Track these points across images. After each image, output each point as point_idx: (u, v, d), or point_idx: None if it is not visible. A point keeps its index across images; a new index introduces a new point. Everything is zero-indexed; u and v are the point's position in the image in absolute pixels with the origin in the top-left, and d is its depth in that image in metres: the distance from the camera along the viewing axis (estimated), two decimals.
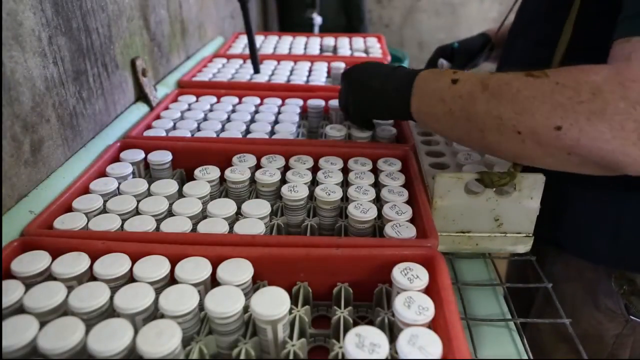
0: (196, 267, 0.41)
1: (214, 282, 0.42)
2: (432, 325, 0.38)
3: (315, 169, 0.60)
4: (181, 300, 0.38)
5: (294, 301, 0.43)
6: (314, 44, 1.25)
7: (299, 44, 1.26)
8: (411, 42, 2.83)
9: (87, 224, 0.48)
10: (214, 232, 0.47)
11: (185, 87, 0.89)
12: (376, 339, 0.34)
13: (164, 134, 0.70)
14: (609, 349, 0.63)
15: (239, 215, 0.52)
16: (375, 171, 0.60)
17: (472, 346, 0.46)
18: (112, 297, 0.38)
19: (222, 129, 0.72)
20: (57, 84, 0.57)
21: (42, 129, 0.55)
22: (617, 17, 0.41)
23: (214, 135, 0.70)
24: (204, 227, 0.48)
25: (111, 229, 0.48)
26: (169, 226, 0.48)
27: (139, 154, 0.62)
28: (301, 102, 0.82)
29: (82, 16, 0.62)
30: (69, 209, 0.51)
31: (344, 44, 1.26)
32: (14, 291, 0.38)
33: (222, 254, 0.43)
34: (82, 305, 0.37)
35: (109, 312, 0.39)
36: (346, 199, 0.55)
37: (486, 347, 0.47)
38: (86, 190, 0.55)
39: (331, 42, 1.27)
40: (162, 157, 0.61)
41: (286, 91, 0.86)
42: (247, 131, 0.72)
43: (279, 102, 0.82)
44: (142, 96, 0.81)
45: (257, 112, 0.79)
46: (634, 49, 0.37)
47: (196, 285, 0.40)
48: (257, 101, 0.83)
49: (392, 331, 0.41)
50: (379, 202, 0.56)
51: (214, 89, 0.86)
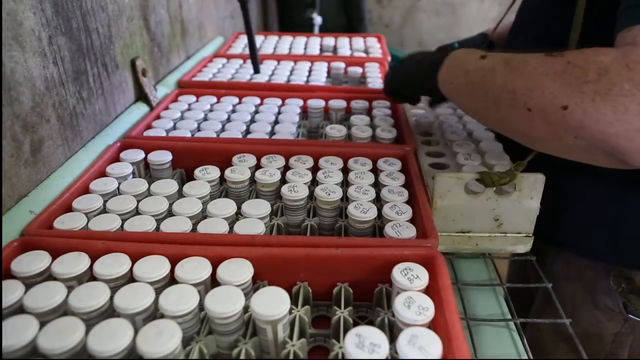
0: (196, 267, 0.41)
1: (214, 282, 0.42)
2: (432, 325, 0.38)
3: (315, 169, 0.60)
4: (181, 300, 0.38)
5: (294, 301, 0.43)
6: (314, 44, 1.25)
7: (299, 44, 1.26)
8: (411, 42, 2.83)
9: (87, 224, 0.48)
10: (214, 232, 0.47)
11: (185, 87, 0.89)
12: (376, 339, 0.34)
13: (164, 134, 0.70)
14: (608, 347, 0.63)
15: (239, 215, 0.52)
16: (375, 171, 0.60)
17: (472, 346, 0.46)
18: (112, 297, 0.38)
19: (222, 129, 0.72)
20: (57, 84, 0.57)
21: (42, 129, 0.55)
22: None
23: (214, 135, 0.70)
24: (204, 227, 0.48)
25: (111, 229, 0.48)
26: (169, 226, 0.48)
27: (139, 154, 0.62)
28: (301, 102, 0.82)
29: (82, 16, 0.62)
30: (69, 209, 0.51)
31: (344, 44, 1.26)
32: (14, 291, 0.38)
33: (222, 254, 0.43)
34: (82, 305, 0.37)
35: (109, 312, 0.39)
36: (346, 199, 0.55)
37: (486, 347, 0.47)
38: (86, 190, 0.55)
39: (331, 42, 1.27)
40: (162, 157, 0.61)
41: (286, 91, 0.86)
42: (247, 131, 0.72)
43: (279, 102, 0.82)
44: (142, 96, 0.81)
45: (257, 112, 0.79)
46: (638, 33, 0.37)
47: (196, 285, 0.40)
48: (257, 101, 0.83)
49: (392, 331, 0.41)
50: (379, 202, 0.56)
51: (214, 89, 0.86)
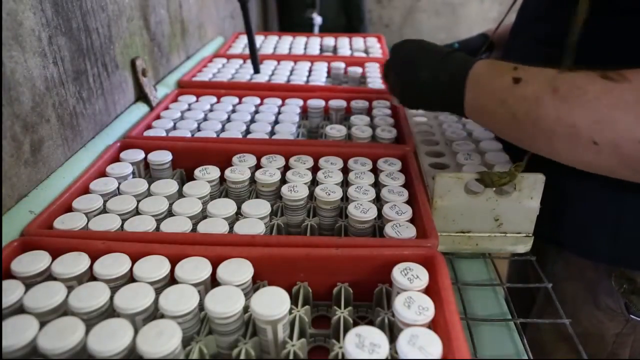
0: (196, 267, 0.41)
1: (214, 282, 0.42)
2: (432, 325, 0.38)
3: (315, 169, 0.60)
4: (181, 300, 0.38)
5: (294, 301, 0.43)
6: (314, 44, 1.25)
7: (299, 44, 1.26)
8: None
9: (87, 224, 0.48)
10: (214, 232, 0.47)
11: (185, 87, 0.89)
12: (376, 339, 0.34)
13: (164, 134, 0.70)
14: (610, 348, 0.63)
15: (239, 215, 0.52)
16: (375, 171, 0.60)
17: (472, 346, 0.46)
18: (112, 297, 0.38)
19: (222, 129, 0.72)
20: (57, 84, 0.57)
21: (42, 129, 0.55)
22: (625, 12, 0.40)
23: (214, 135, 0.70)
24: (204, 227, 0.48)
25: (111, 229, 0.48)
26: (169, 226, 0.48)
27: (139, 154, 0.62)
28: (301, 102, 0.81)
29: (82, 16, 0.62)
30: (69, 209, 0.51)
31: (344, 44, 1.26)
32: (14, 291, 0.38)
33: (222, 254, 0.43)
34: (82, 305, 0.37)
35: (109, 312, 0.39)
36: (346, 199, 0.55)
37: (486, 347, 0.47)
38: (86, 190, 0.55)
39: (331, 42, 1.27)
40: (162, 157, 0.61)
41: (286, 91, 0.86)
42: (247, 131, 0.72)
43: (279, 102, 0.82)
44: (142, 96, 0.81)
45: (257, 112, 0.79)
46: None
47: (196, 285, 0.40)
48: (257, 101, 0.83)
49: (392, 331, 0.41)
50: (379, 202, 0.56)
51: (214, 89, 0.86)
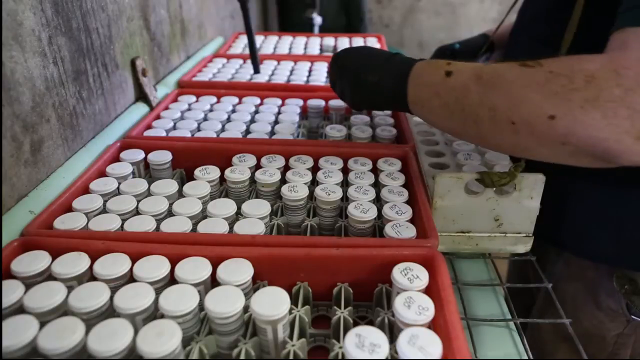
0: (196, 267, 0.41)
1: (214, 282, 0.42)
2: (432, 325, 0.38)
3: (315, 169, 0.60)
4: (181, 300, 0.38)
5: (294, 301, 0.43)
6: (314, 44, 1.25)
7: (299, 44, 1.26)
8: (411, 42, 2.83)
9: (87, 224, 0.48)
10: (214, 232, 0.47)
11: (185, 87, 0.89)
12: (376, 339, 0.34)
13: (164, 134, 0.70)
14: (610, 348, 0.63)
15: (239, 215, 0.52)
16: (375, 171, 0.60)
17: (472, 346, 0.46)
18: (112, 297, 0.38)
19: (222, 129, 0.72)
20: (57, 84, 0.57)
21: (42, 129, 0.55)
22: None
23: (214, 135, 0.70)
24: (204, 227, 0.48)
25: (111, 229, 0.48)
26: (169, 226, 0.48)
27: (139, 154, 0.62)
28: (301, 102, 0.82)
29: (82, 16, 0.62)
30: (69, 209, 0.51)
31: (344, 44, 1.26)
32: (14, 291, 0.38)
33: (222, 254, 0.43)
34: (82, 305, 0.37)
35: (109, 312, 0.39)
36: (346, 199, 0.55)
37: (486, 347, 0.47)
38: (86, 190, 0.55)
39: (331, 42, 1.27)
40: (162, 157, 0.61)
41: (286, 91, 0.86)
42: (247, 131, 0.72)
43: (279, 102, 0.82)
44: (142, 96, 0.81)
45: (257, 112, 0.79)
46: (628, 37, 0.37)
47: (196, 285, 0.40)
48: (257, 101, 0.83)
49: (392, 331, 0.41)
50: (379, 202, 0.56)
51: (214, 89, 0.86)
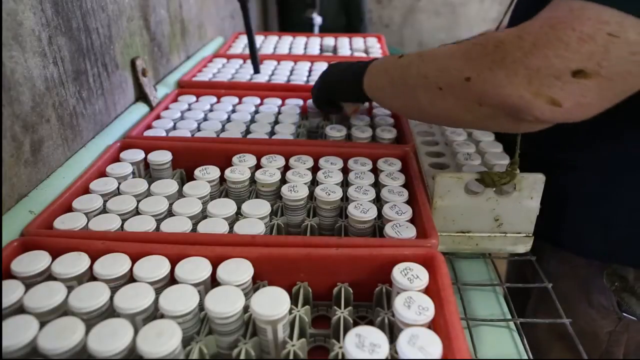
0: (196, 267, 0.41)
1: (214, 282, 0.42)
2: (432, 325, 0.38)
3: (315, 169, 0.60)
4: (181, 300, 0.38)
5: (294, 301, 0.43)
6: (314, 44, 1.25)
7: (299, 44, 1.26)
8: (411, 42, 2.83)
9: (87, 224, 0.48)
10: (214, 232, 0.47)
11: (185, 87, 0.89)
12: (376, 339, 0.34)
13: (164, 134, 0.70)
14: (604, 346, 0.64)
15: (239, 215, 0.52)
16: (375, 171, 0.60)
17: (472, 346, 0.46)
18: (112, 297, 0.38)
19: (222, 129, 0.72)
20: (57, 84, 0.57)
21: (42, 129, 0.55)
22: None
23: (214, 135, 0.70)
24: (204, 227, 0.48)
25: (111, 229, 0.48)
26: (169, 226, 0.48)
27: (139, 154, 0.62)
28: (301, 102, 0.81)
29: (82, 16, 0.62)
30: (69, 209, 0.51)
31: (344, 44, 1.26)
32: (14, 291, 0.38)
33: (222, 254, 0.43)
34: (82, 305, 0.37)
35: (109, 312, 0.39)
36: (346, 199, 0.55)
37: (486, 347, 0.47)
38: (86, 190, 0.55)
39: (331, 42, 1.27)
40: (162, 157, 0.61)
41: (286, 91, 0.86)
42: (247, 131, 0.72)
43: (279, 102, 0.82)
44: (142, 96, 0.81)
45: (257, 112, 0.79)
46: (544, 9, 0.40)
47: (196, 285, 0.40)
48: (257, 101, 0.83)
49: (392, 331, 0.41)
50: (379, 202, 0.56)
51: (214, 89, 0.86)
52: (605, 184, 0.57)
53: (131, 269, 0.42)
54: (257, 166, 0.60)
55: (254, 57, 0.96)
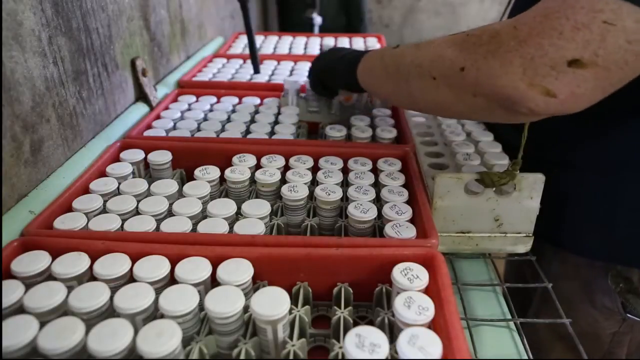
0: (196, 267, 0.41)
1: (214, 282, 0.42)
2: (432, 325, 0.38)
3: (315, 169, 0.60)
4: (181, 300, 0.38)
5: (294, 301, 0.43)
6: (314, 44, 1.25)
7: (299, 44, 1.26)
8: (411, 42, 2.83)
9: (87, 224, 0.48)
10: (214, 232, 0.47)
11: (185, 87, 0.89)
12: (376, 339, 0.34)
13: (164, 134, 0.70)
14: (606, 347, 0.63)
15: (239, 215, 0.52)
16: (375, 171, 0.60)
17: (472, 346, 0.46)
18: (112, 297, 0.38)
19: (222, 129, 0.72)
20: (57, 84, 0.57)
21: (42, 129, 0.55)
22: None
23: (214, 135, 0.70)
24: (204, 227, 0.48)
25: (111, 229, 0.48)
26: (169, 226, 0.48)
27: (139, 154, 0.62)
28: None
29: (82, 16, 0.62)
30: (69, 209, 0.51)
31: (344, 44, 1.26)
32: (14, 291, 0.38)
33: (222, 254, 0.43)
34: (82, 305, 0.37)
35: (109, 312, 0.39)
36: (346, 199, 0.55)
37: (486, 347, 0.47)
38: (86, 190, 0.55)
39: (331, 42, 1.27)
40: (162, 157, 0.61)
41: None
42: (247, 131, 0.72)
43: (279, 102, 0.82)
44: (142, 96, 0.81)
45: (257, 112, 0.79)
46: (539, 2, 0.39)
47: (196, 285, 0.40)
48: (257, 101, 0.83)
49: (392, 331, 0.41)
50: (379, 202, 0.56)
51: (214, 89, 0.86)
52: (605, 184, 0.57)
53: (131, 269, 0.42)
54: (257, 166, 0.60)
55: (254, 57, 0.96)
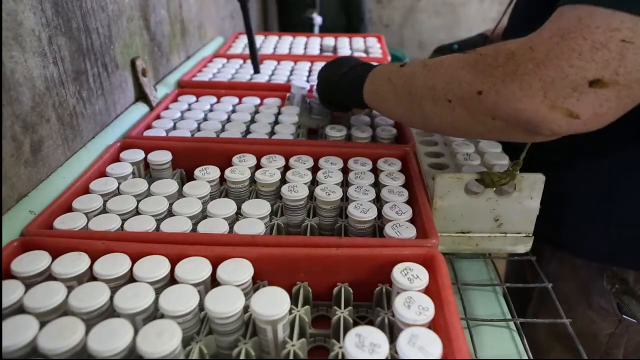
0: (196, 267, 0.41)
1: (214, 282, 0.42)
2: (432, 325, 0.38)
3: (315, 169, 0.60)
4: (181, 300, 0.38)
5: (294, 301, 0.43)
6: (314, 44, 1.25)
7: (299, 44, 1.26)
8: (411, 42, 2.83)
9: (87, 224, 0.48)
10: (214, 232, 0.47)
11: (185, 87, 0.89)
12: (376, 339, 0.34)
13: (164, 134, 0.70)
14: (603, 348, 0.64)
15: (239, 215, 0.52)
16: (375, 171, 0.60)
17: (472, 346, 0.46)
18: (112, 297, 0.38)
19: (222, 129, 0.72)
20: (57, 84, 0.57)
21: (42, 129, 0.55)
22: None
23: (214, 135, 0.70)
24: (204, 227, 0.48)
25: (111, 229, 0.48)
26: (169, 226, 0.48)
27: (139, 154, 0.62)
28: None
29: (82, 16, 0.62)
30: (69, 209, 0.51)
31: (344, 44, 1.26)
32: (14, 291, 0.38)
33: (222, 254, 0.43)
34: (82, 305, 0.37)
35: (109, 312, 0.39)
36: (346, 199, 0.55)
37: (486, 347, 0.47)
38: (86, 190, 0.55)
39: (331, 42, 1.27)
40: (162, 157, 0.61)
41: (286, 91, 0.86)
42: (247, 131, 0.72)
43: (279, 102, 0.82)
44: (142, 96, 0.81)
45: (257, 112, 0.79)
46: (551, 18, 0.39)
47: (196, 285, 0.40)
48: (257, 101, 0.83)
49: (392, 331, 0.41)
50: (379, 202, 0.56)
51: (214, 89, 0.86)
52: (605, 185, 0.57)
53: (131, 269, 0.42)
54: (257, 166, 0.60)
55: (254, 57, 0.96)
